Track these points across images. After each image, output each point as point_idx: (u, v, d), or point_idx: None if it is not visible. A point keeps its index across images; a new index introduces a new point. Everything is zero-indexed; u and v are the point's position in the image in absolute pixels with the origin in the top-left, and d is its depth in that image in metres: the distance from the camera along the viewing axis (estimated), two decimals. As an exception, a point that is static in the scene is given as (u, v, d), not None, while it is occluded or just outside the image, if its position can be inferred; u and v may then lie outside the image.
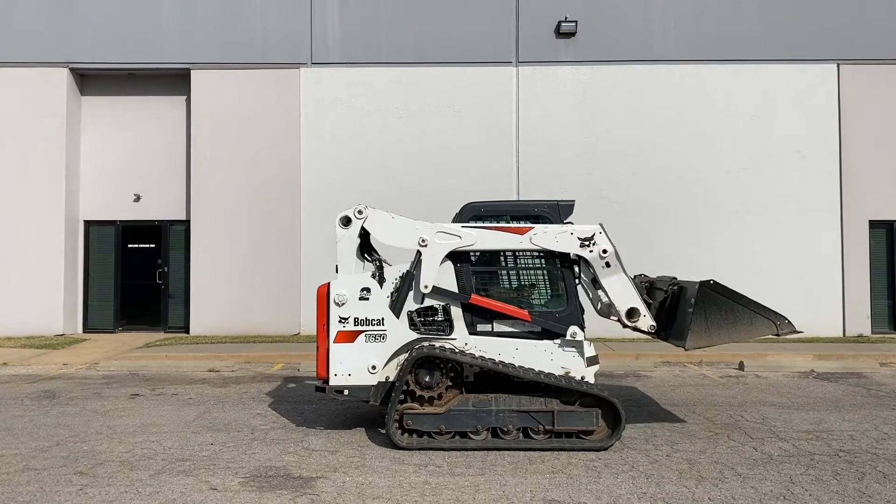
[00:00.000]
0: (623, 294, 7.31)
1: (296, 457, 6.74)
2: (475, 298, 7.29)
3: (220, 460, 6.62)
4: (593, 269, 7.35)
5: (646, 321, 7.32)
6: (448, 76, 15.63)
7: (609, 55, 15.53)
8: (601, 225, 7.36)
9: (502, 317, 7.37)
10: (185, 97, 16.10)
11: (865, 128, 15.38)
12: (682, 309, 7.19)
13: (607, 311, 7.71)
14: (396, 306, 7.36)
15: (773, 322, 7.21)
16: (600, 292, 7.65)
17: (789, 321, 7.26)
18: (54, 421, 8.22)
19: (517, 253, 7.67)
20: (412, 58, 15.65)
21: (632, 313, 7.31)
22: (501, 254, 7.68)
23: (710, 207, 15.33)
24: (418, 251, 7.37)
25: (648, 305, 7.44)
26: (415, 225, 7.42)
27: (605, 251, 7.23)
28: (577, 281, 7.45)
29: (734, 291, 7.20)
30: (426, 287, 7.28)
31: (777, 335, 7.28)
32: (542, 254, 7.58)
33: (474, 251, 7.42)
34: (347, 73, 15.70)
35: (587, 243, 7.25)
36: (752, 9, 15.54)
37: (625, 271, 7.32)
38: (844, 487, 5.85)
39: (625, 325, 7.50)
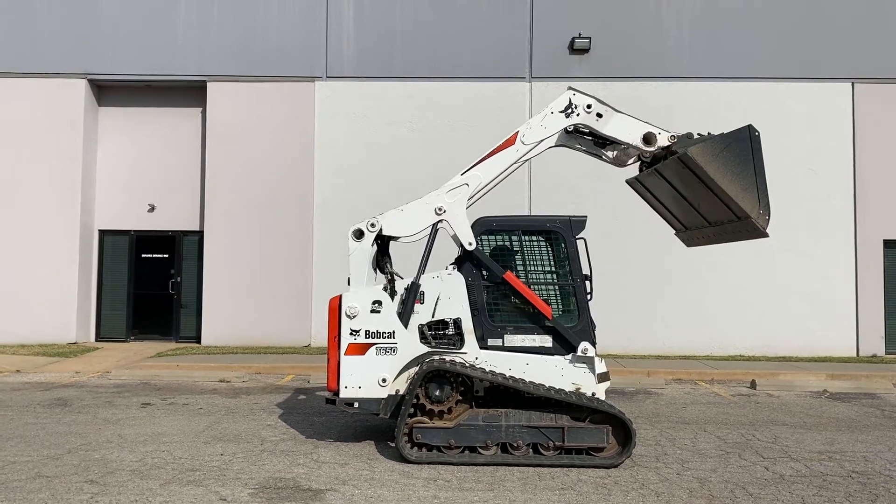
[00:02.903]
0: (629, 127, 7.36)
1: (305, 469, 6.75)
2: (509, 275, 7.35)
3: (229, 471, 6.63)
4: (591, 133, 7.44)
5: (664, 135, 7.33)
6: (461, 91, 15.71)
7: (622, 71, 15.55)
8: (570, 87, 7.55)
9: (514, 329, 7.38)
10: (200, 109, 16.26)
11: (880, 146, 15.31)
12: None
13: (624, 154, 7.70)
14: (403, 317, 7.36)
15: (758, 206, 6.74)
16: (606, 150, 7.68)
17: (768, 220, 6.77)
18: (66, 429, 8.27)
19: (528, 269, 7.65)
20: (426, 73, 15.74)
21: (648, 138, 7.32)
22: (513, 269, 7.67)
23: (723, 224, 15.26)
24: (433, 226, 7.50)
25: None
26: (424, 201, 7.58)
27: (589, 106, 7.40)
28: (588, 293, 7.42)
29: (762, 161, 6.86)
30: (470, 244, 7.38)
31: (748, 217, 6.74)
32: (553, 253, 7.59)
33: (483, 187, 7.56)
34: (362, 87, 15.81)
35: (570, 111, 7.42)
36: (766, 27, 15.53)
37: (617, 110, 7.37)
38: (857, 509, 5.80)
39: (646, 157, 7.49)
